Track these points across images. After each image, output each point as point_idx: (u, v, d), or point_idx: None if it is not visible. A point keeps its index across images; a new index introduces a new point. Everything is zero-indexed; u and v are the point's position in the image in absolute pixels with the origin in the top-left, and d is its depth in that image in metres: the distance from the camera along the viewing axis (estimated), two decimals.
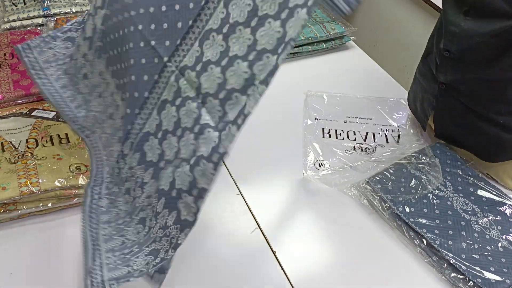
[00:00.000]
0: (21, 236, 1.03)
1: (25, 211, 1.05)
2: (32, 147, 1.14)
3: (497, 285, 0.98)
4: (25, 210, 1.05)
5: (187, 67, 0.86)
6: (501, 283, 0.99)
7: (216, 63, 0.81)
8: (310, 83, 1.52)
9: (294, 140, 1.33)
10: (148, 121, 0.91)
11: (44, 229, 1.05)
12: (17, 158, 1.10)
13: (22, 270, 0.97)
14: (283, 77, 1.56)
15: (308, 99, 1.46)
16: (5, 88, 1.28)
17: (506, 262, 1.02)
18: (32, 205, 1.05)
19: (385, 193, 1.15)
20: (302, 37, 1.61)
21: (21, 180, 1.05)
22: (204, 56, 0.84)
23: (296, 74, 1.57)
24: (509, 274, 1.01)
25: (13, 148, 1.12)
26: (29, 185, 1.04)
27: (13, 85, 1.29)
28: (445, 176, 1.19)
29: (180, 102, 0.86)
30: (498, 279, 1.00)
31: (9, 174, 1.05)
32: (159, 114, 0.89)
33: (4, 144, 1.13)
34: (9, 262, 0.98)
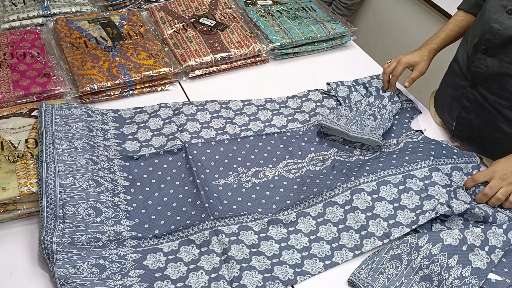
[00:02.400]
0: (21, 236, 1.03)
1: (25, 211, 1.05)
2: (31, 147, 1.13)
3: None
4: (25, 210, 1.05)
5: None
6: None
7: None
8: (310, 82, 1.52)
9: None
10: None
11: None
12: (16, 158, 1.10)
13: (22, 270, 0.97)
14: (283, 76, 1.57)
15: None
16: (5, 88, 1.27)
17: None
18: (32, 205, 1.05)
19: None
20: (303, 37, 1.61)
21: (21, 180, 1.04)
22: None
23: (297, 73, 1.57)
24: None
25: (13, 148, 1.12)
26: (29, 185, 1.04)
27: (12, 85, 1.29)
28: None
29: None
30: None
31: (9, 174, 1.05)
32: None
33: (3, 143, 1.13)
34: (9, 262, 0.98)
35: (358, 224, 1.09)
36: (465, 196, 1.15)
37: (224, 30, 1.60)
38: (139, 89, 1.41)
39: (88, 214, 1.02)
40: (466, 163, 1.24)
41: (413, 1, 2.40)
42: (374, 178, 1.16)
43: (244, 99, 1.42)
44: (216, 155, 1.24)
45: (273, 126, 1.35)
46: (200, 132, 1.29)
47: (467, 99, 1.27)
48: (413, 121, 1.42)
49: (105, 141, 1.21)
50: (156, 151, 1.22)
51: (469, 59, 1.25)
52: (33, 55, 1.39)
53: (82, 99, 1.35)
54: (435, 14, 2.25)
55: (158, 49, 1.49)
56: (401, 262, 1.01)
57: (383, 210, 1.10)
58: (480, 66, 1.21)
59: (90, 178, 1.08)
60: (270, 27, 1.63)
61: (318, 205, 1.13)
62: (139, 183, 1.15)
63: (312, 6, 1.80)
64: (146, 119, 1.30)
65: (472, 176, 1.17)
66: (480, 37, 1.20)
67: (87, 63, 1.39)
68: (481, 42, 1.19)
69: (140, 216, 1.09)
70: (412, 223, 1.08)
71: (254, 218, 1.10)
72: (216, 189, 1.16)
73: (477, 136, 1.29)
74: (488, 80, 1.21)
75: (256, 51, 1.55)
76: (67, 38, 1.48)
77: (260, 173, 1.22)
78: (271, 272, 1.01)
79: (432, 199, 1.11)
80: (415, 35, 2.43)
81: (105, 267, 0.96)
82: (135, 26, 1.57)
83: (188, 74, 1.49)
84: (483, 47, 1.19)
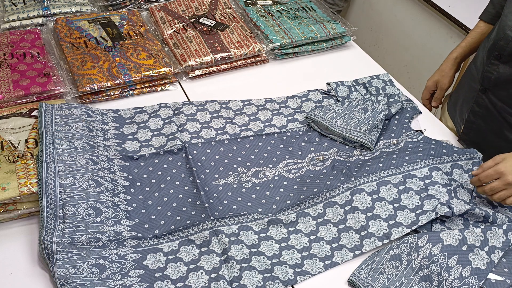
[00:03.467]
0: (21, 236, 1.03)
1: (25, 211, 1.05)
2: (31, 147, 1.13)
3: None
4: (25, 210, 1.04)
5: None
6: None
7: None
8: (310, 82, 1.52)
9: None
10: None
11: None
12: (16, 158, 1.10)
13: (22, 270, 0.97)
14: (283, 76, 1.57)
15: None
16: (5, 88, 1.27)
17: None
18: (32, 205, 1.05)
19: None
20: (303, 37, 1.61)
21: (21, 180, 1.05)
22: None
23: (297, 73, 1.57)
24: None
25: (13, 148, 1.12)
26: (29, 185, 1.04)
27: (12, 85, 1.29)
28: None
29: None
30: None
31: (9, 174, 1.05)
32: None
33: (4, 143, 1.13)
34: (9, 262, 0.98)
35: (358, 224, 1.09)
36: (466, 195, 1.15)
37: (224, 30, 1.60)
38: (139, 89, 1.41)
39: (88, 214, 1.02)
40: (467, 160, 1.23)
41: (413, 1, 2.40)
42: (374, 178, 1.16)
43: (244, 99, 1.42)
44: (216, 155, 1.24)
45: (273, 126, 1.35)
46: (200, 132, 1.29)
47: (477, 104, 1.28)
48: (413, 121, 1.42)
49: (105, 141, 1.21)
50: (156, 151, 1.22)
51: (483, 63, 1.25)
52: (33, 55, 1.39)
53: (82, 99, 1.35)
54: (435, 14, 2.25)
55: (158, 49, 1.49)
56: (401, 262, 1.01)
57: (383, 210, 1.10)
58: (492, 72, 1.20)
59: (90, 178, 1.08)
60: (270, 27, 1.63)
61: (318, 205, 1.13)
62: (139, 183, 1.15)
63: (312, 6, 1.80)
64: (146, 119, 1.30)
65: (478, 177, 1.11)
66: (494, 42, 1.19)
67: (87, 63, 1.39)
68: (495, 48, 1.19)
69: (140, 216, 1.09)
70: (412, 223, 1.08)
71: (254, 218, 1.10)
72: (216, 189, 1.16)
73: (483, 142, 1.30)
74: (498, 87, 1.21)
75: (256, 51, 1.55)
76: (67, 38, 1.48)
77: (260, 173, 1.22)
78: (271, 272, 1.01)
79: (433, 198, 1.11)
80: (415, 35, 2.43)
81: (105, 267, 0.96)
82: (135, 26, 1.57)
83: (188, 74, 1.49)
84: (496, 53, 1.19)
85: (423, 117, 1.45)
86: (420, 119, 1.44)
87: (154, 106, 1.34)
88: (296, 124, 1.36)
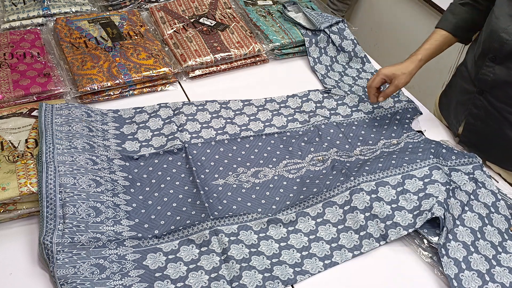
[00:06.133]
0: (21, 236, 1.03)
1: (25, 211, 1.05)
2: (31, 147, 1.14)
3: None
4: (25, 210, 1.05)
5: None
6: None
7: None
8: (310, 82, 1.52)
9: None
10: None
11: None
12: (16, 158, 1.10)
13: (22, 270, 0.97)
14: (283, 76, 1.57)
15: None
16: (5, 88, 1.27)
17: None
18: (32, 205, 1.05)
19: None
20: (303, 36, 1.61)
21: (21, 180, 1.05)
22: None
23: (297, 73, 1.57)
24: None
25: (13, 148, 1.12)
26: (29, 185, 1.04)
27: (12, 85, 1.29)
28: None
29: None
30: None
31: (9, 174, 1.05)
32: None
33: (4, 143, 1.13)
34: (9, 262, 0.98)
35: (357, 224, 1.09)
36: (463, 196, 1.15)
37: (224, 30, 1.60)
38: (139, 89, 1.41)
39: (88, 214, 1.02)
40: (466, 165, 1.23)
41: (413, 1, 2.40)
42: (373, 178, 1.16)
43: (244, 99, 1.42)
44: (216, 155, 1.24)
45: (273, 126, 1.35)
46: (200, 132, 1.29)
47: (475, 106, 1.28)
48: (413, 121, 1.42)
49: (105, 141, 1.21)
50: (156, 151, 1.22)
51: (476, 65, 1.25)
52: (33, 55, 1.39)
53: (82, 99, 1.35)
54: (435, 14, 2.25)
55: (158, 49, 1.49)
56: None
57: (381, 210, 1.10)
58: (488, 74, 1.21)
59: (90, 178, 1.08)
60: (270, 27, 1.64)
61: (317, 205, 1.13)
62: (139, 183, 1.15)
63: (312, 6, 1.80)
64: (146, 119, 1.30)
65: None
66: (488, 45, 1.19)
67: (87, 63, 1.39)
68: (489, 51, 1.19)
69: (140, 216, 1.09)
70: (410, 225, 1.08)
71: (253, 218, 1.10)
72: (216, 189, 1.16)
73: (484, 143, 1.30)
74: (495, 88, 1.21)
75: (256, 51, 1.55)
76: (67, 38, 1.48)
77: (260, 173, 1.22)
78: (271, 272, 1.01)
79: (430, 197, 1.11)
80: (415, 35, 2.42)
81: (105, 267, 0.96)
82: (135, 26, 1.57)
83: (188, 74, 1.49)
84: (491, 55, 1.19)
85: (424, 117, 1.45)
86: (420, 119, 1.44)
87: (154, 106, 1.34)
88: (296, 124, 1.36)
